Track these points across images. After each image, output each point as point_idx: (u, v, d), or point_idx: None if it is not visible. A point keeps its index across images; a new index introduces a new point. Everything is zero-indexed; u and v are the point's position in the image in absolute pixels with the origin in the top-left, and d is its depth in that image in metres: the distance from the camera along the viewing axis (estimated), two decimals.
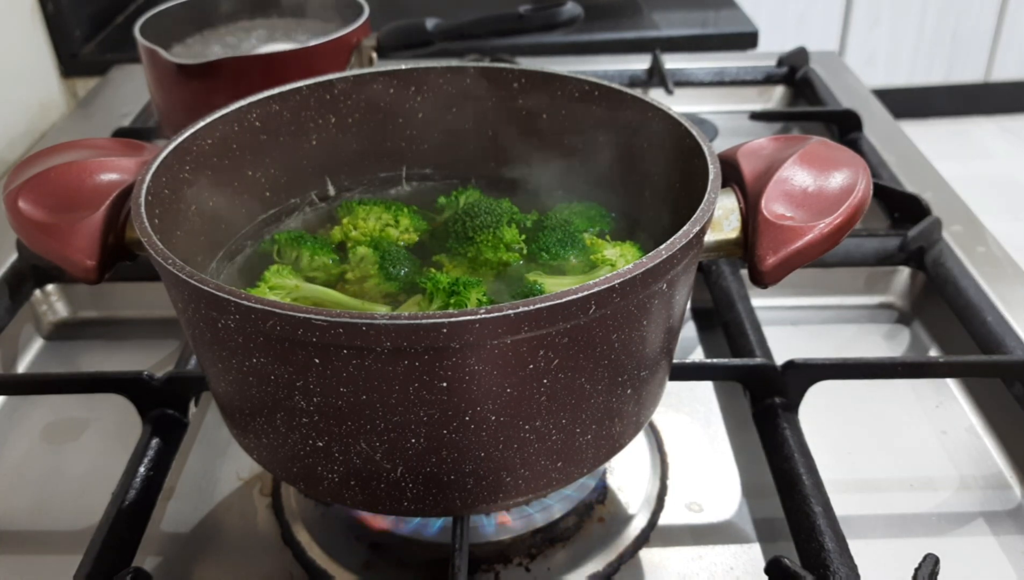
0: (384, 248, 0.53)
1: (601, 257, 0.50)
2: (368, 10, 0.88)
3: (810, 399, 0.59)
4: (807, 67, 1.10)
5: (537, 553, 0.53)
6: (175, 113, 0.86)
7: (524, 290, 0.48)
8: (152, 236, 0.41)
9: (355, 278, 0.52)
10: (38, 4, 1.15)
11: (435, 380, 0.37)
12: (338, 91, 0.57)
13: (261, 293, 0.48)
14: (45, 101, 1.17)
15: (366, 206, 0.56)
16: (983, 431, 0.63)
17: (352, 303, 0.50)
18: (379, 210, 0.56)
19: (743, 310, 0.67)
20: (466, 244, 0.53)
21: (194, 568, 0.53)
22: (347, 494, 0.44)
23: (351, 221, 0.55)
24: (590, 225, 0.55)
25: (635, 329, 0.41)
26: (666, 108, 0.51)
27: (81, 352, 0.74)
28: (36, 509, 0.58)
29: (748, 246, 0.44)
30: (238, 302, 0.36)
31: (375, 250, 0.53)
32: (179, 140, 0.49)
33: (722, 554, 0.53)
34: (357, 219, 0.55)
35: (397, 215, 0.56)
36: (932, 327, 0.73)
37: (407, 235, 0.55)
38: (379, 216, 0.55)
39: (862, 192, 0.44)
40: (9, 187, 0.47)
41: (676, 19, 1.33)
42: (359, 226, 0.55)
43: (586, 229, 0.54)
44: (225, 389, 0.44)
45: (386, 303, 0.50)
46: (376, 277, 0.51)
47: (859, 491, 0.58)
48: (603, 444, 0.45)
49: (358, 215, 0.55)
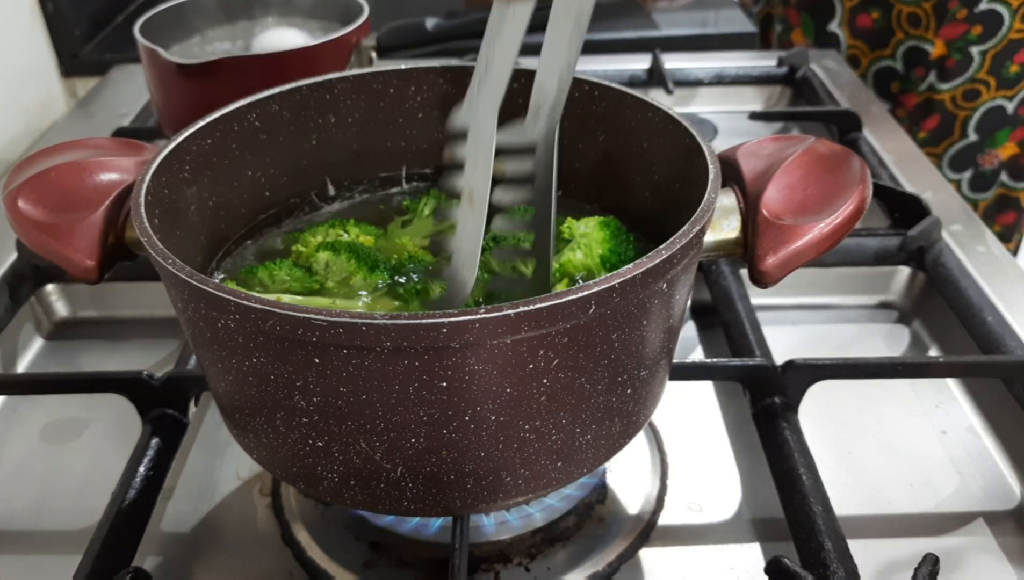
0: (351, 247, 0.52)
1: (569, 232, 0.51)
2: (368, 10, 0.88)
3: (810, 399, 0.59)
4: (807, 67, 1.10)
5: (537, 553, 0.53)
6: (175, 113, 0.86)
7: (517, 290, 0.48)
8: (152, 236, 0.41)
9: (337, 282, 0.51)
10: (38, 4, 1.15)
11: (435, 380, 0.37)
12: (338, 91, 0.57)
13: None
14: (45, 101, 1.17)
15: (312, 229, 0.55)
16: (983, 431, 0.63)
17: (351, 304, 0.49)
18: (324, 228, 0.55)
19: (743, 310, 0.67)
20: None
21: (194, 568, 0.53)
22: (347, 494, 0.44)
23: (301, 243, 0.54)
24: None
25: (635, 329, 0.41)
26: (666, 108, 0.51)
27: (81, 352, 0.74)
28: (36, 509, 0.58)
29: (748, 246, 0.44)
30: (238, 302, 0.36)
31: (333, 251, 0.51)
32: (179, 140, 0.49)
33: (722, 554, 0.54)
34: (306, 240, 0.54)
35: (344, 226, 0.55)
36: (932, 327, 0.73)
37: (361, 239, 0.55)
38: (326, 233, 0.54)
39: (862, 192, 0.44)
40: (9, 187, 0.47)
41: (676, 19, 1.33)
42: (309, 244, 0.53)
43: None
44: (225, 389, 0.44)
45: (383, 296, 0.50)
46: (360, 272, 0.51)
47: (859, 491, 0.58)
48: (603, 444, 0.45)
49: (306, 238, 0.54)
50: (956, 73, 1.19)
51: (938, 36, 1.17)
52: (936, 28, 1.17)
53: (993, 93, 1.19)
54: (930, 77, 1.20)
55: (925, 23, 1.18)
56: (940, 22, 1.17)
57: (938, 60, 1.18)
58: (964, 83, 1.19)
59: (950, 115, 1.20)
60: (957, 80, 1.19)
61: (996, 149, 1.23)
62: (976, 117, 1.21)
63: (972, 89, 1.19)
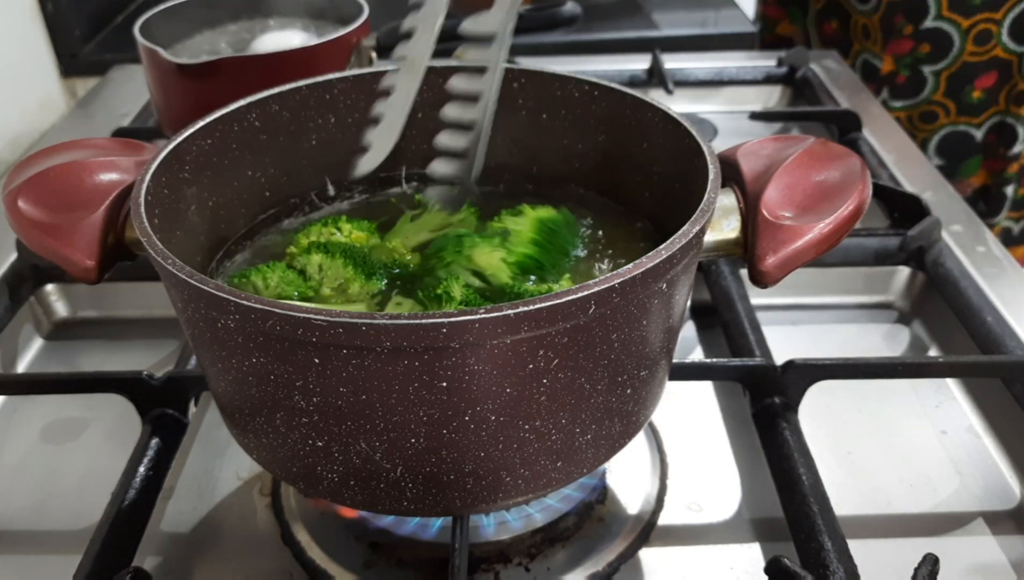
0: (345, 249, 0.51)
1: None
2: (368, 10, 0.88)
3: (810, 399, 0.59)
4: (807, 67, 1.10)
5: (537, 553, 0.53)
6: (175, 113, 0.86)
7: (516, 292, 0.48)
8: (152, 236, 0.41)
9: (334, 289, 0.50)
10: (37, 4, 1.15)
11: (435, 380, 0.37)
12: (338, 91, 0.57)
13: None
14: (45, 101, 1.17)
15: (304, 230, 0.54)
16: (983, 431, 0.63)
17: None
18: (318, 228, 0.54)
19: (743, 310, 0.67)
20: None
21: (194, 568, 0.53)
22: (347, 494, 0.44)
23: (294, 245, 0.53)
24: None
25: (635, 329, 0.41)
26: (666, 108, 0.51)
27: (81, 352, 0.74)
28: (36, 509, 0.58)
29: (748, 246, 0.44)
30: (238, 302, 0.36)
31: (327, 253, 0.50)
32: (179, 140, 0.49)
33: (722, 554, 0.54)
34: (299, 241, 0.53)
35: (337, 224, 0.54)
36: (932, 327, 0.73)
37: (354, 236, 0.54)
38: (319, 232, 0.53)
39: (861, 192, 0.44)
40: (9, 187, 0.47)
41: (676, 19, 1.33)
42: (301, 245, 0.52)
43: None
44: (225, 389, 0.44)
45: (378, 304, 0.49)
46: (357, 279, 0.50)
47: (859, 491, 0.58)
48: (603, 444, 0.45)
49: (299, 239, 0.53)
50: (908, 92, 1.16)
51: (885, 52, 1.15)
52: (883, 43, 1.15)
53: (954, 118, 1.17)
54: (883, 93, 1.18)
55: (874, 36, 1.17)
56: (887, 37, 1.14)
57: (888, 76, 1.16)
58: (920, 104, 1.16)
59: (910, 135, 1.19)
60: (910, 99, 1.16)
61: (968, 178, 1.21)
62: (935, 140, 1.19)
63: (929, 111, 1.17)
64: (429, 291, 0.47)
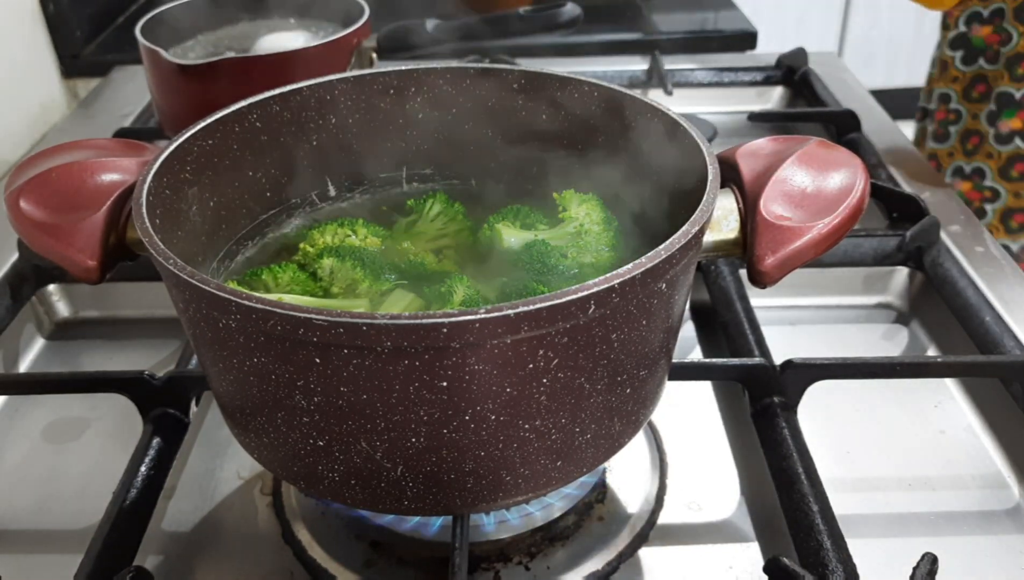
0: (355, 253, 0.52)
1: (569, 215, 0.53)
2: (368, 11, 0.89)
3: (809, 399, 0.60)
4: (806, 67, 1.10)
5: (537, 552, 0.53)
6: (176, 113, 0.86)
7: (521, 290, 0.48)
8: (153, 236, 0.41)
9: (342, 289, 0.51)
10: (39, 5, 1.16)
11: (435, 380, 0.37)
12: (338, 92, 0.57)
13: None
14: (46, 102, 1.17)
15: (320, 227, 0.55)
16: (981, 431, 0.63)
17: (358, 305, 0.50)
18: (333, 227, 0.55)
19: (742, 310, 0.68)
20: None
21: (195, 567, 0.53)
22: (347, 493, 0.44)
23: (308, 243, 0.54)
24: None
25: (634, 329, 0.41)
26: (665, 109, 0.51)
27: (82, 352, 0.74)
28: (37, 508, 0.58)
29: (747, 246, 0.45)
30: (239, 302, 0.36)
31: (339, 258, 0.51)
32: (180, 140, 0.49)
33: (721, 553, 0.54)
34: (314, 239, 0.54)
35: (353, 227, 0.55)
36: (930, 327, 0.73)
37: (368, 241, 0.55)
38: (335, 232, 0.54)
39: (860, 192, 0.45)
40: (10, 187, 0.47)
41: (675, 20, 1.33)
42: (316, 244, 0.54)
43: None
44: (226, 388, 0.45)
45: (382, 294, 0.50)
46: (366, 280, 0.51)
47: (857, 490, 0.58)
48: (603, 443, 0.45)
49: (314, 237, 0.54)
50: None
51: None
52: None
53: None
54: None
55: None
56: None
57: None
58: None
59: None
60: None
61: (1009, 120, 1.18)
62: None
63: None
64: (435, 288, 0.48)
